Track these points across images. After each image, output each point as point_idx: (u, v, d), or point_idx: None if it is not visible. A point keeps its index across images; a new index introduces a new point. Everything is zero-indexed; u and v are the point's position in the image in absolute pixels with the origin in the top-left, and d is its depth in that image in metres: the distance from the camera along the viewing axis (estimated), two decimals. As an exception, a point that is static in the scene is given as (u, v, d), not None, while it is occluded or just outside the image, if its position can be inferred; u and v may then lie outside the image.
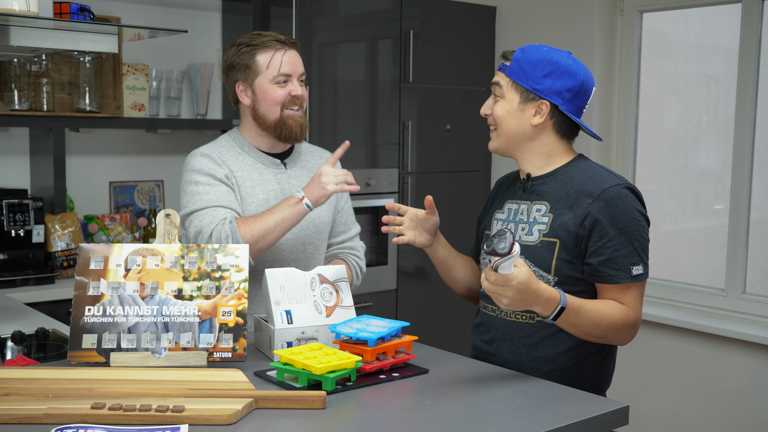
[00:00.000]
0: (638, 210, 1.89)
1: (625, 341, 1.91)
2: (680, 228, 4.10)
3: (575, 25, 4.01)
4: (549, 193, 1.94)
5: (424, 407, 1.62)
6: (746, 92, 3.56)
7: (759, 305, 3.52)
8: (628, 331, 1.88)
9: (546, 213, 1.93)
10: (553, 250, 1.89)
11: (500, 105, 1.95)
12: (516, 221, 1.98)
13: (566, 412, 1.61)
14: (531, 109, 1.92)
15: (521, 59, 1.92)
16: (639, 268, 1.87)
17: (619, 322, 1.85)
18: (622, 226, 1.85)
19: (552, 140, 1.96)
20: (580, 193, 1.89)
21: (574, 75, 1.92)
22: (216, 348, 1.80)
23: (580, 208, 1.87)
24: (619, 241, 1.85)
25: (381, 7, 3.94)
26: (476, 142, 4.33)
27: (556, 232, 1.89)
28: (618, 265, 1.85)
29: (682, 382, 3.68)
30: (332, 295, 1.99)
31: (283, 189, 2.27)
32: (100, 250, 1.88)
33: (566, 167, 1.96)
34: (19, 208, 3.23)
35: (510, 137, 1.96)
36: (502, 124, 1.95)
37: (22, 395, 1.59)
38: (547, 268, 1.89)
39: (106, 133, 3.72)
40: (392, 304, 4.03)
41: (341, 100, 3.85)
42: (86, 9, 2.39)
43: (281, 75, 2.21)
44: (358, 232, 2.47)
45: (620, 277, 1.86)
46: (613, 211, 1.85)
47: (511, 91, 1.93)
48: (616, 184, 1.88)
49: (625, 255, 1.85)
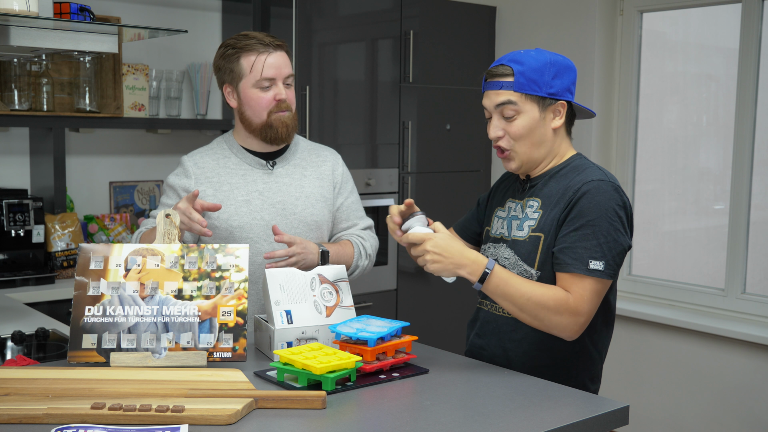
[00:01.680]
0: (614, 209, 1.84)
1: (564, 331, 1.83)
2: (680, 228, 4.10)
3: (575, 25, 4.01)
4: (543, 190, 1.95)
5: (424, 407, 1.62)
6: (746, 92, 3.56)
7: (759, 305, 3.52)
8: (565, 318, 1.81)
9: (537, 209, 1.94)
10: (538, 245, 1.89)
11: (519, 121, 1.89)
12: (510, 218, 2.00)
13: (566, 412, 1.61)
14: (550, 114, 1.92)
15: (525, 70, 1.88)
16: (598, 264, 1.80)
17: (551, 302, 1.80)
18: (590, 218, 1.82)
19: (562, 136, 1.97)
20: (567, 189, 1.89)
21: (570, 66, 1.94)
22: (216, 348, 1.80)
23: (563, 202, 1.88)
24: (583, 233, 1.82)
25: (381, 7, 3.94)
26: (476, 142, 4.34)
27: (542, 227, 1.90)
28: (576, 254, 1.82)
29: (682, 382, 3.68)
30: (332, 295, 1.99)
31: (270, 188, 2.27)
32: (100, 250, 1.88)
33: (562, 165, 1.96)
34: (19, 208, 3.23)
35: (533, 149, 1.92)
36: (524, 140, 1.90)
37: (22, 395, 1.59)
38: (531, 263, 1.90)
39: (106, 133, 3.72)
40: (392, 304, 4.04)
41: (341, 100, 3.85)
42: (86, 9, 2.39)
43: (264, 79, 2.20)
44: (369, 226, 2.44)
45: (575, 267, 1.81)
46: (585, 202, 1.83)
47: (527, 104, 1.89)
48: (599, 179, 1.87)
49: (587, 247, 1.81)
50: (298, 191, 2.29)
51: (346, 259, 2.28)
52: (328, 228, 2.36)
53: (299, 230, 2.27)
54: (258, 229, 2.23)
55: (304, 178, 2.32)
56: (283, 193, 2.27)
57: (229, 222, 2.22)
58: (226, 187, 2.25)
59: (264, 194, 2.26)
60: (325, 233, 2.35)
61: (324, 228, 2.34)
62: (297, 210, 2.27)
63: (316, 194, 2.31)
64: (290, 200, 2.27)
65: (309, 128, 3.68)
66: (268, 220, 2.24)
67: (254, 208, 2.24)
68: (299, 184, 2.30)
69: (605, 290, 1.87)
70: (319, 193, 2.32)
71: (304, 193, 2.29)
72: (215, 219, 2.22)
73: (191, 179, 2.25)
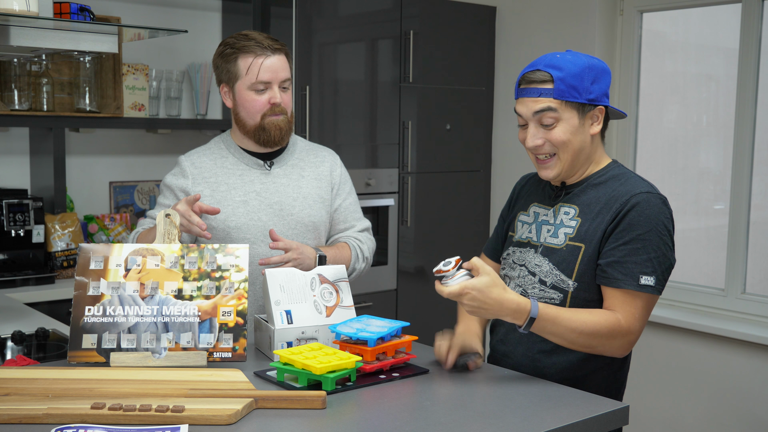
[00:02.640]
0: (665, 224, 1.80)
1: (617, 352, 1.82)
2: (680, 228, 4.09)
3: (575, 25, 4.01)
4: (579, 197, 1.89)
5: (424, 407, 1.62)
6: (746, 92, 3.56)
7: (759, 305, 3.52)
8: (618, 341, 1.79)
9: (574, 217, 1.88)
10: (578, 255, 1.84)
11: (560, 129, 1.83)
12: (539, 222, 1.94)
13: (566, 412, 1.61)
14: (589, 120, 1.87)
15: (565, 77, 1.82)
16: (649, 279, 1.77)
17: (604, 330, 1.76)
18: (640, 231, 1.78)
19: (598, 142, 1.92)
20: (611, 199, 1.84)
21: (606, 70, 1.89)
22: (216, 348, 1.80)
23: (609, 214, 1.82)
24: (634, 247, 1.77)
25: (381, 7, 3.94)
26: (476, 142, 4.34)
27: (583, 237, 1.84)
28: (626, 270, 1.77)
29: (682, 382, 3.68)
30: (332, 295, 1.99)
31: (267, 189, 2.26)
32: (100, 250, 1.88)
33: (600, 173, 1.91)
34: (19, 208, 3.23)
35: (574, 156, 1.86)
36: (567, 148, 1.85)
37: (22, 395, 1.59)
38: (569, 273, 1.84)
39: (106, 133, 3.72)
40: (392, 304, 4.03)
41: (341, 100, 3.85)
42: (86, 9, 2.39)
43: (259, 82, 2.19)
44: (367, 228, 2.43)
45: (625, 282, 1.77)
46: (635, 215, 1.79)
47: (567, 111, 1.83)
48: (647, 191, 1.82)
49: (637, 262, 1.77)
50: (295, 192, 2.28)
51: (344, 262, 2.26)
52: (325, 229, 2.35)
53: (296, 231, 2.27)
54: (255, 230, 2.23)
55: (302, 179, 2.31)
56: (280, 193, 2.27)
57: (226, 223, 2.21)
58: (223, 188, 2.24)
59: (261, 195, 2.25)
60: (323, 234, 2.35)
61: (321, 229, 2.33)
62: (294, 211, 2.27)
63: (313, 195, 2.30)
64: (287, 201, 2.27)
65: (309, 128, 3.68)
66: (265, 221, 2.23)
67: (251, 208, 2.23)
68: (297, 185, 2.29)
69: (653, 305, 1.83)
70: (316, 194, 2.31)
71: (301, 194, 2.29)
72: (212, 219, 2.22)
73: (188, 179, 2.25)
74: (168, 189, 2.28)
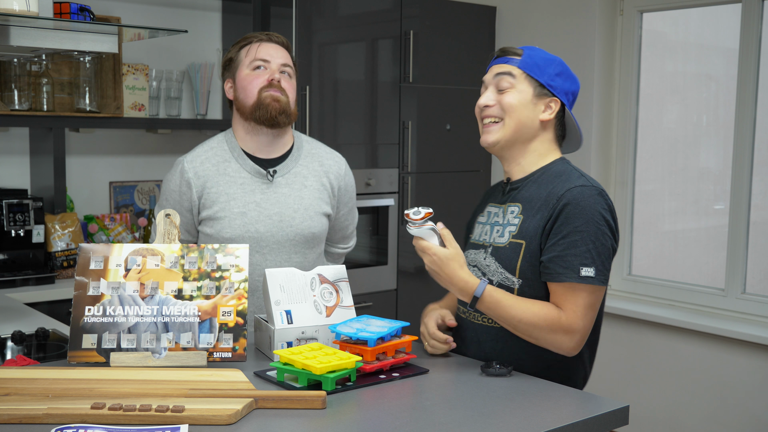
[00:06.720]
0: (601, 214, 1.82)
1: (558, 347, 1.82)
2: (680, 228, 4.10)
3: (575, 25, 4.01)
4: (524, 194, 1.93)
5: (424, 407, 1.62)
6: (746, 92, 3.56)
7: (759, 305, 3.53)
8: (559, 336, 1.80)
9: (518, 215, 1.91)
10: (519, 252, 1.87)
11: (512, 94, 1.91)
12: (492, 224, 1.98)
13: (566, 412, 1.62)
14: (541, 105, 1.92)
15: (534, 55, 1.92)
16: (589, 270, 1.78)
17: (542, 322, 1.80)
18: (577, 224, 1.80)
19: (549, 139, 1.96)
20: (550, 195, 1.86)
21: (575, 80, 1.97)
22: (216, 348, 1.80)
23: (547, 210, 1.85)
24: (572, 240, 1.80)
25: (381, 7, 3.94)
26: (476, 142, 4.31)
27: (524, 234, 1.87)
28: (566, 263, 1.79)
29: (682, 382, 3.68)
30: (332, 295, 1.99)
31: (268, 199, 2.25)
32: (100, 250, 1.88)
33: (544, 169, 1.94)
34: (19, 208, 3.23)
35: (517, 128, 1.91)
36: (512, 114, 1.91)
37: (22, 395, 1.59)
38: (512, 270, 1.87)
39: (106, 133, 3.72)
40: (392, 304, 4.03)
41: (341, 100, 3.85)
42: (86, 9, 2.39)
43: (257, 60, 2.23)
44: (351, 247, 2.54)
45: (566, 276, 1.79)
46: (571, 209, 1.81)
47: (524, 83, 1.91)
48: (581, 184, 1.85)
49: (576, 254, 1.79)
50: (296, 203, 2.27)
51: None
52: (323, 238, 2.36)
53: (294, 242, 2.26)
54: (250, 241, 2.22)
55: (304, 189, 2.29)
56: (281, 204, 2.25)
57: (221, 233, 2.21)
58: (223, 198, 2.23)
59: (261, 205, 2.24)
60: (321, 244, 2.36)
61: (320, 239, 2.33)
62: (294, 222, 2.26)
63: (315, 206, 2.29)
64: (288, 212, 2.25)
65: (309, 128, 3.68)
66: (262, 231, 2.23)
67: (249, 220, 2.22)
68: (299, 195, 2.27)
69: (599, 301, 1.85)
70: (318, 205, 2.30)
71: (302, 205, 2.27)
72: (208, 228, 2.23)
73: (192, 190, 2.25)
74: (172, 198, 2.28)
